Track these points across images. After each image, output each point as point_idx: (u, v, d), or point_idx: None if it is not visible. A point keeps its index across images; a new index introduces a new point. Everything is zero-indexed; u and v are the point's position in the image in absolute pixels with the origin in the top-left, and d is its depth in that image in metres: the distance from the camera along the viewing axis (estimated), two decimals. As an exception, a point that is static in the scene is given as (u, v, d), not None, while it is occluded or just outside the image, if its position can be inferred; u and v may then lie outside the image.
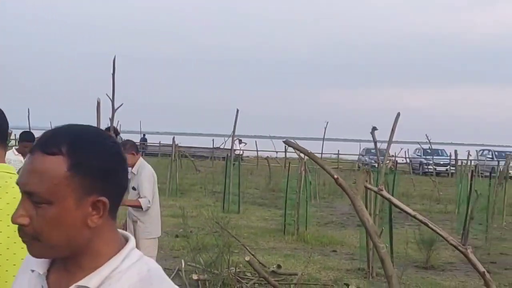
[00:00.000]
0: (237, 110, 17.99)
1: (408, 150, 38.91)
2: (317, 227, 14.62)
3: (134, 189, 7.41)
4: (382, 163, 10.49)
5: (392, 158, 23.41)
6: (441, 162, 36.54)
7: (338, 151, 37.69)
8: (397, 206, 5.45)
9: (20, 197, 1.46)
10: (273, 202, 19.40)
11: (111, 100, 9.09)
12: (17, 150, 9.20)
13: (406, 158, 38.66)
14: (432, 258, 10.81)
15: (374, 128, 10.53)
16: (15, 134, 18.04)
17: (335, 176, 4.34)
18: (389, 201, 6.09)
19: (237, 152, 32.00)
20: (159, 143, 37.80)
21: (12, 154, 8.77)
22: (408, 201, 18.68)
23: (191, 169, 29.37)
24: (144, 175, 7.30)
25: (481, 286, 9.17)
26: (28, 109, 20.09)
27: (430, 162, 34.69)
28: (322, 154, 32.41)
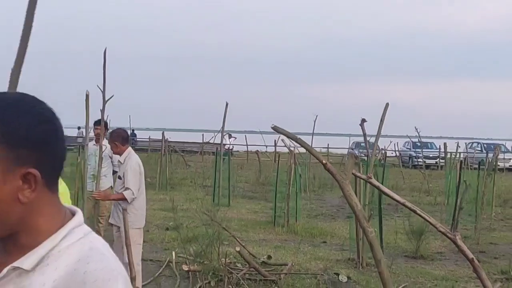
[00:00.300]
0: (226, 103, 17.99)
1: (397, 143, 39.00)
2: (307, 219, 14.64)
3: (120, 178, 7.45)
4: (371, 154, 10.53)
5: (381, 150, 23.51)
6: (430, 155, 36.63)
7: (328, 145, 37.69)
8: (386, 194, 5.48)
9: None
10: (263, 195, 19.41)
11: (102, 91, 9.07)
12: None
13: (395, 151, 38.75)
14: (421, 248, 10.86)
15: (363, 120, 10.55)
16: None
17: (324, 161, 4.35)
18: (378, 188, 6.13)
19: (226, 146, 32.02)
20: (149, 138, 37.70)
21: None
22: (398, 193, 18.48)
23: (181, 164, 29.35)
24: (129, 166, 7.32)
25: (470, 275, 9.23)
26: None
27: (420, 155, 34.79)
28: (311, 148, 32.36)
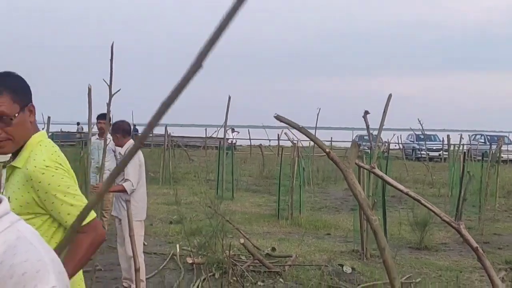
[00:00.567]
0: (229, 97, 17.95)
1: (400, 136, 38.93)
2: (311, 212, 14.63)
3: None
4: (375, 146, 10.51)
5: (384, 143, 23.44)
6: (433, 147, 36.56)
7: (331, 138, 37.65)
8: (390, 184, 5.45)
9: None
10: (266, 188, 19.40)
11: (109, 85, 9.07)
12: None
13: (399, 144, 38.68)
14: (425, 239, 10.84)
15: (366, 112, 10.53)
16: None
17: (327, 150, 4.33)
18: (381, 178, 6.10)
19: (229, 141, 31.99)
20: (152, 133, 37.71)
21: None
22: (401, 185, 18.66)
23: (184, 158, 29.35)
24: None
25: (474, 265, 9.22)
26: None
27: (423, 148, 34.72)
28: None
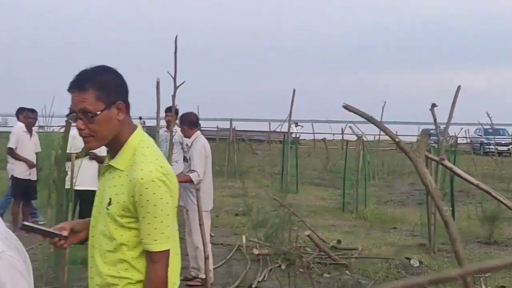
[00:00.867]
0: (293, 90, 17.94)
1: (468, 130, 38.08)
2: (376, 206, 14.51)
3: (187, 161, 7.60)
4: (442, 140, 10.33)
5: (452, 137, 23.01)
6: (502, 142, 35.62)
7: (396, 132, 37.16)
8: (459, 175, 5.38)
9: None
10: (331, 182, 19.33)
11: (173, 78, 9.25)
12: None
13: (466, 138, 37.84)
14: (495, 233, 10.60)
15: (433, 104, 10.30)
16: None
17: (397, 139, 4.31)
18: (451, 170, 6.03)
19: (293, 135, 31.98)
20: (217, 127, 38.07)
21: (75, 133, 8.98)
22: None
23: (249, 152, 29.52)
24: (195, 149, 7.43)
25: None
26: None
27: (491, 142, 33.88)
28: (379, 135, 32.06)
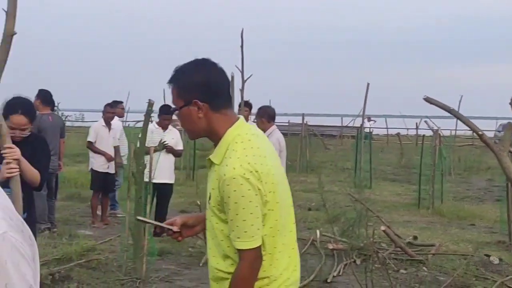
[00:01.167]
0: (367, 84, 17.71)
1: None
2: (453, 202, 14.19)
3: None
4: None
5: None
6: None
7: (473, 127, 36.11)
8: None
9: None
10: (405, 177, 19.04)
11: (241, 71, 9.32)
12: (157, 123, 9.63)
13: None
14: None
15: (514, 97, 10.02)
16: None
17: (480, 132, 4.18)
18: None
19: (366, 130, 31.63)
20: (288, 122, 38.05)
21: (153, 127, 9.19)
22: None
23: (320, 147, 29.39)
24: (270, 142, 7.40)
25: None
26: (163, 89, 20.99)
27: None
28: (456, 130, 31.35)
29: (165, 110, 9.70)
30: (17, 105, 4.64)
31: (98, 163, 10.45)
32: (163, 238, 9.25)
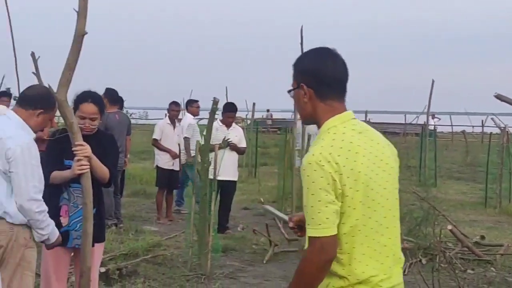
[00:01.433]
0: (432, 81, 17.43)
1: None
2: (522, 201, 13.81)
3: None
4: None
5: None
6: None
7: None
8: None
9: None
10: (471, 176, 18.65)
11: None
12: (221, 121, 9.70)
13: None
14: None
15: None
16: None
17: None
18: None
19: (430, 127, 31.08)
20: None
21: (217, 125, 9.26)
22: None
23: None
24: None
25: None
26: (226, 87, 21.16)
27: None
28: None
29: (229, 108, 9.78)
30: (87, 95, 4.73)
31: (163, 160, 10.61)
32: (226, 235, 9.35)
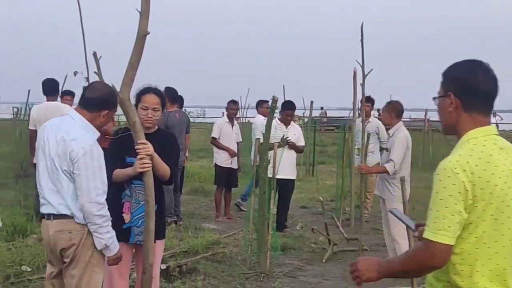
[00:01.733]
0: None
1: None
2: None
3: (387, 150, 7.43)
4: None
5: None
6: None
7: None
8: None
9: None
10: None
11: (361, 66, 9.24)
12: (279, 119, 9.69)
13: None
14: None
15: None
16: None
17: None
18: None
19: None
20: (409, 118, 37.26)
21: (275, 123, 9.24)
22: None
23: (443, 143, 28.48)
24: (397, 138, 7.23)
25: None
26: (283, 85, 21.13)
27: None
28: None
29: (287, 106, 9.75)
30: (148, 87, 4.80)
31: (222, 159, 10.67)
32: (285, 233, 9.33)
